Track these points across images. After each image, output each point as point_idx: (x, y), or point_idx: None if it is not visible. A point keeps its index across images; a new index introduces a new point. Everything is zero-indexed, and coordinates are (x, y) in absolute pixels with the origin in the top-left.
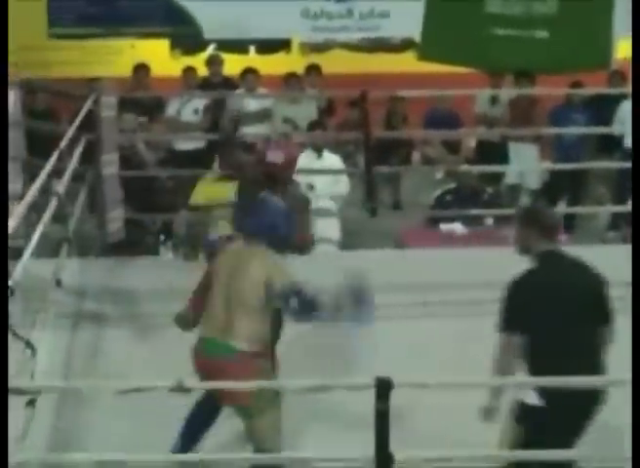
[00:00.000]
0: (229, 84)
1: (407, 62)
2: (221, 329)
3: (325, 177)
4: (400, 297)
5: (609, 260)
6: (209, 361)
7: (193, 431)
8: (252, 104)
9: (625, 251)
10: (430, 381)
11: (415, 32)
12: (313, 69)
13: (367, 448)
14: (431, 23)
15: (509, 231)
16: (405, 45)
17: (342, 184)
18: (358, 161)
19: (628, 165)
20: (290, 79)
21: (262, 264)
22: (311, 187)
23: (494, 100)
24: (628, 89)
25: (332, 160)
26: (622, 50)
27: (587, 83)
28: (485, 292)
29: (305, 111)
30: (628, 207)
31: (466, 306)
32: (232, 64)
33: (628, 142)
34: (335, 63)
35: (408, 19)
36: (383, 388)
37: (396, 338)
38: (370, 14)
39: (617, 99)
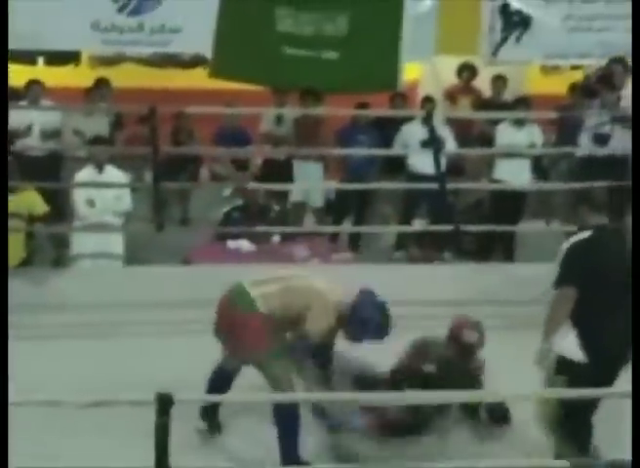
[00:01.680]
0: (14, 95)
1: (197, 78)
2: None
3: (107, 192)
4: (187, 313)
5: (394, 279)
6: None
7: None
8: (39, 117)
9: (410, 270)
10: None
11: (206, 49)
12: (102, 83)
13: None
14: (223, 41)
15: (295, 248)
16: (195, 61)
17: (125, 200)
18: (146, 176)
19: (413, 186)
20: (91, 92)
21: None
22: (91, 203)
23: (279, 119)
24: (411, 111)
25: (114, 174)
26: (409, 72)
27: (372, 104)
28: None
29: (96, 125)
30: (414, 227)
31: None
32: (19, 75)
33: (413, 164)
34: (124, 77)
35: (199, 36)
36: (164, 403)
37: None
38: (161, 28)
39: (403, 122)
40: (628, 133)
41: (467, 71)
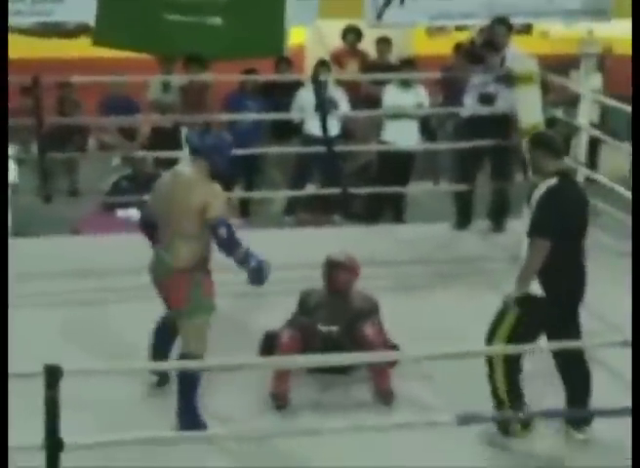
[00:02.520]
0: None
1: (82, 48)
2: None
3: None
4: (73, 283)
5: (283, 244)
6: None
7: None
8: None
9: (299, 234)
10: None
11: (90, 17)
12: None
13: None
14: (105, 9)
15: None
16: (79, 30)
17: (11, 172)
18: (33, 148)
19: (307, 150)
20: None
21: (203, 192)
22: None
23: (165, 87)
24: (297, 76)
25: None
26: (294, 37)
27: (259, 70)
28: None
29: None
30: (305, 191)
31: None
32: None
33: (309, 128)
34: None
35: (83, 4)
36: (52, 375)
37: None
38: None
39: (290, 87)
40: (512, 92)
41: (352, 34)
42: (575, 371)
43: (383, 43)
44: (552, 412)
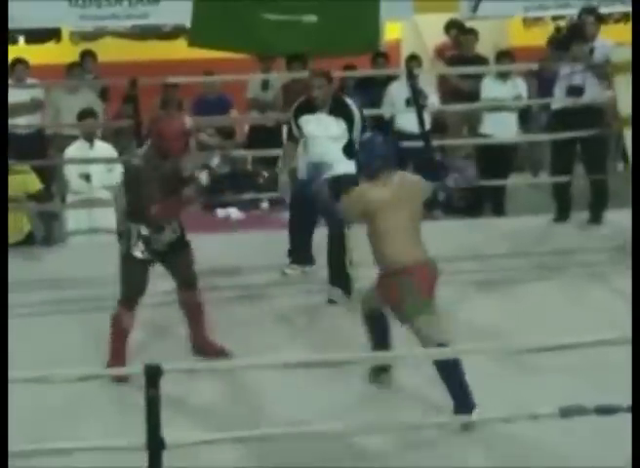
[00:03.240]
0: None
1: (179, 49)
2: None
3: (99, 167)
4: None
5: None
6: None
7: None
8: (22, 95)
9: None
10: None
11: (185, 19)
12: (88, 55)
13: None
14: (201, 10)
15: (285, 213)
16: (176, 32)
17: (116, 173)
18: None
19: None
20: (75, 66)
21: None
22: (87, 178)
23: (265, 85)
24: (393, 70)
25: (104, 149)
26: (390, 32)
27: (357, 65)
28: (261, 276)
29: (84, 99)
30: None
31: (250, 289)
32: None
33: (400, 124)
34: (106, 52)
35: (178, 6)
36: (152, 375)
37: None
38: (139, 1)
39: (384, 82)
40: (601, 82)
41: (455, 28)
42: None
43: (469, 34)
44: None
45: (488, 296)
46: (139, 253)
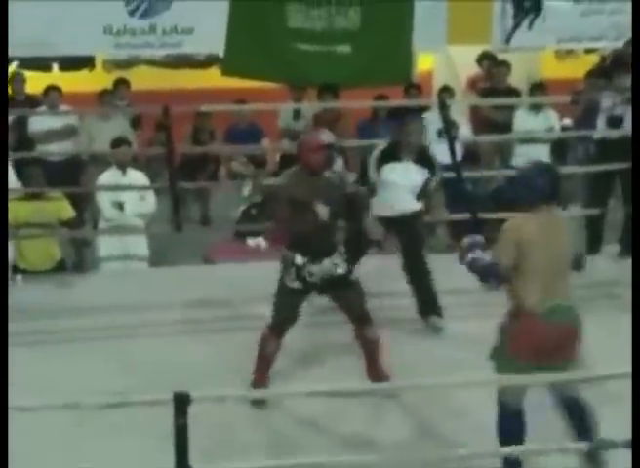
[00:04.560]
0: (32, 102)
1: (212, 78)
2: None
3: (131, 194)
4: (208, 313)
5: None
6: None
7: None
8: (55, 122)
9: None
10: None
11: (219, 48)
12: (122, 83)
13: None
14: (234, 39)
15: None
16: (209, 61)
17: (149, 201)
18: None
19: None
20: (108, 93)
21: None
22: (120, 206)
23: (297, 114)
24: (425, 101)
25: (137, 176)
26: (423, 63)
27: (390, 96)
28: None
29: (117, 127)
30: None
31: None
32: (35, 82)
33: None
34: (139, 80)
35: (211, 35)
36: (181, 402)
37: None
38: (173, 30)
39: (417, 111)
40: None
41: (487, 60)
42: None
43: (501, 67)
44: None
45: None
46: (291, 282)
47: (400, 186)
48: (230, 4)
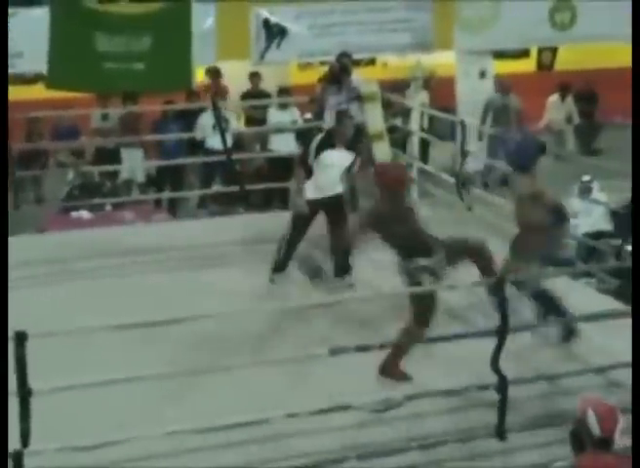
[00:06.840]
0: None
1: (39, 91)
2: None
3: None
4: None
5: (199, 230)
6: None
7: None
8: None
9: (213, 221)
10: None
11: (43, 68)
12: None
13: None
14: (55, 60)
15: (123, 213)
16: (36, 78)
17: None
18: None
19: (209, 160)
20: None
21: None
22: None
23: (105, 117)
24: (204, 104)
25: None
26: (200, 75)
27: (176, 100)
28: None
29: None
30: (213, 190)
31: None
32: None
33: (209, 143)
34: None
35: (38, 58)
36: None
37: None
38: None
39: (198, 112)
40: (361, 107)
41: (256, 76)
42: None
43: (255, 76)
44: None
45: None
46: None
47: (336, 167)
48: (50, 32)
